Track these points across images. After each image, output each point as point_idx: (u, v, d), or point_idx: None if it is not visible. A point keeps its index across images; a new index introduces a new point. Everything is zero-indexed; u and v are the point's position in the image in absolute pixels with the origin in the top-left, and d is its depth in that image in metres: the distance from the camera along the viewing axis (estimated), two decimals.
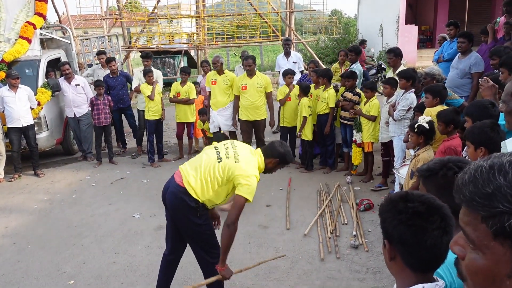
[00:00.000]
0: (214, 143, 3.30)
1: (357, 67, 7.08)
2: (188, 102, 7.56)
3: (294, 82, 7.23)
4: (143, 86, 7.37)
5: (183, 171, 3.18)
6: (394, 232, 1.27)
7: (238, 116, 7.07)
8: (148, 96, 7.27)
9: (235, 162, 3.01)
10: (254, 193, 3.03)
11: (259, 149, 3.26)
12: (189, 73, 7.98)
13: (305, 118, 6.63)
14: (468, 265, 0.92)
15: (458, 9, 17.40)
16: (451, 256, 1.30)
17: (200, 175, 3.10)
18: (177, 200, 3.14)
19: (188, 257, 3.58)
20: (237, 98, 6.86)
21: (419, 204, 1.26)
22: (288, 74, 7.05)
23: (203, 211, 3.17)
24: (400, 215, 1.26)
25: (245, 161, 3.04)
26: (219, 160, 3.09)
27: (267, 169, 3.25)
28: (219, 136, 6.17)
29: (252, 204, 5.64)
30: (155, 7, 16.15)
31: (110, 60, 8.18)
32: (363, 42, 13.98)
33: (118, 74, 8.17)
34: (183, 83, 7.62)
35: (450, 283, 1.46)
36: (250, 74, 6.76)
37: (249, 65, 6.69)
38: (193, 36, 17.24)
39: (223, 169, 3.04)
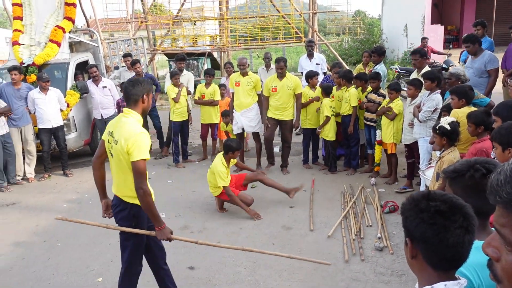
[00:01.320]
0: (107, 146, 3.25)
1: (381, 68, 7.02)
2: (212, 103, 7.64)
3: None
4: (168, 88, 7.48)
5: (114, 192, 3.35)
6: (416, 231, 1.27)
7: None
8: (173, 99, 7.38)
9: (116, 145, 3.06)
10: (147, 147, 3.03)
11: (125, 108, 3.14)
12: (213, 75, 8.03)
13: (327, 117, 6.63)
14: (505, 267, 0.90)
15: (485, 8, 17.05)
16: (477, 258, 1.29)
17: (117, 179, 3.23)
18: (119, 214, 3.37)
19: (204, 256, 3.62)
20: (266, 99, 6.87)
21: (441, 203, 1.26)
22: (314, 76, 7.06)
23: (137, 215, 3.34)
24: (422, 213, 1.27)
25: (123, 133, 3.01)
26: (111, 155, 3.17)
27: (145, 109, 3.19)
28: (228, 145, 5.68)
29: (275, 205, 5.71)
30: (179, 10, 16.37)
31: (134, 63, 8.33)
32: (424, 38, 12.33)
33: (143, 76, 8.31)
34: (207, 85, 7.72)
35: (478, 285, 1.44)
36: (281, 76, 6.77)
37: (281, 68, 6.71)
38: (217, 38, 17.38)
39: (117, 160, 3.10)
